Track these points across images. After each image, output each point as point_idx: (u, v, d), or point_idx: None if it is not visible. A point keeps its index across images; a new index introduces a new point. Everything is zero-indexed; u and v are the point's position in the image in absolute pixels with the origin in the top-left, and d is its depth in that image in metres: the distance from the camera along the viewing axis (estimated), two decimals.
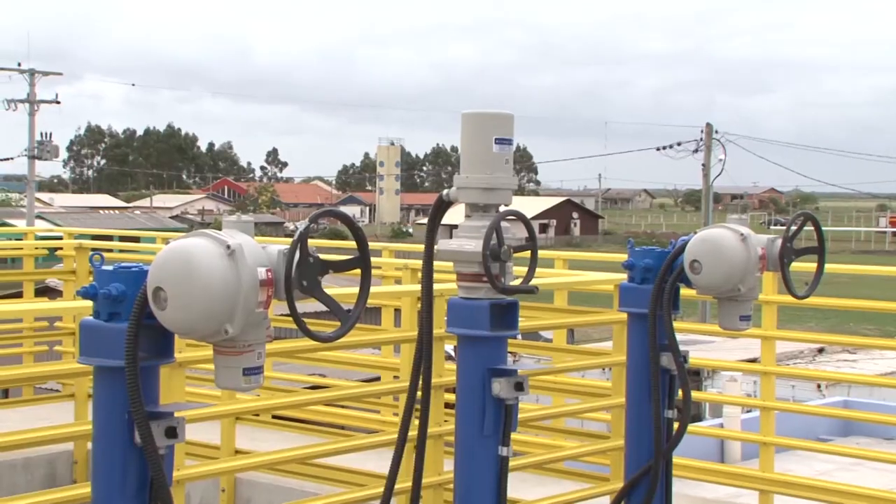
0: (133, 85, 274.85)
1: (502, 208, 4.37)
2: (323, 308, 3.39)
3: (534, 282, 4.41)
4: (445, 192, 4.36)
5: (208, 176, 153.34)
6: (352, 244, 3.60)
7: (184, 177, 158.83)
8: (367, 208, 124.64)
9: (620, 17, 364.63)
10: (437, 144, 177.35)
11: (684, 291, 5.26)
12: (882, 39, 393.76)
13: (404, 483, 4.73)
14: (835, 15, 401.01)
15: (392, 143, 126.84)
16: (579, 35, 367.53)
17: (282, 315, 3.44)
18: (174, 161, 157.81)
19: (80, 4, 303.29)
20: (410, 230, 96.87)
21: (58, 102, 52.92)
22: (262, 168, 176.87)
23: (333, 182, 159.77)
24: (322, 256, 3.32)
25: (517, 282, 4.39)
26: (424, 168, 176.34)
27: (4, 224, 52.73)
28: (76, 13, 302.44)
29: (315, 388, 8.38)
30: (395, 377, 6.53)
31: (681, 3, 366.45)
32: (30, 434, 4.61)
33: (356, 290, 3.52)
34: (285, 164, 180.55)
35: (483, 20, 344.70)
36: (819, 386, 18.85)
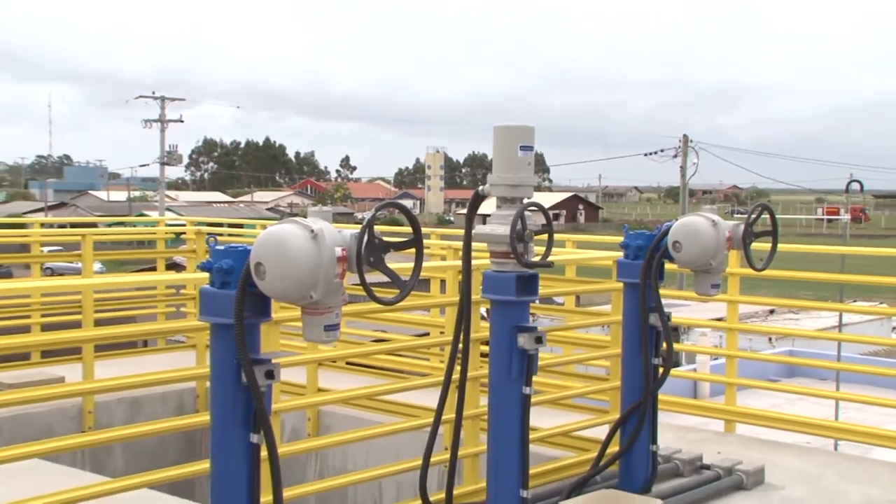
0: (238, 107, 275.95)
1: (525, 201, 4.34)
2: (385, 279, 3.38)
3: (550, 258, 4.38)
4: (480, 188, 4.33)
5: (296, 177, 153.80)
6: (408, 229, 3.57)
7: (277, 178, 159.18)
8: (418, 202, 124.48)
9: (618, 51, 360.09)
10: (474, 151, 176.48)
11: (667, 265, 5.20)
12: (822, 69, 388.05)
13: (449, 415, 4.72)
14: (786, 48, 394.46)
15: (438, 151, 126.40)
16: (586, 66, 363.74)
17: (354, 284, 3.43)
18: (269, 166, 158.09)
19: (199, 46, 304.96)
20: (452, 218, 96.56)
21: (182, 121, 53.46)
22: (337, 171, 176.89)
23: (392, 181, 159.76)
24: (385, 238, 3.31)
25: (537, 258, 4.35)
26: (463, 170, 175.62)
27: (143, 214, 53.29)
28: (196, 52, 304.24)
29: (379, 341, 8.38)
30: (441, 332, 6.49)
31: (666, 40, 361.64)
32: (165, 374, 4.64)
33: (411, 265, 3.52)
34: (355, 168, 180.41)
35: (510, 55, 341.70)
36: (770, 339, 18.63)
